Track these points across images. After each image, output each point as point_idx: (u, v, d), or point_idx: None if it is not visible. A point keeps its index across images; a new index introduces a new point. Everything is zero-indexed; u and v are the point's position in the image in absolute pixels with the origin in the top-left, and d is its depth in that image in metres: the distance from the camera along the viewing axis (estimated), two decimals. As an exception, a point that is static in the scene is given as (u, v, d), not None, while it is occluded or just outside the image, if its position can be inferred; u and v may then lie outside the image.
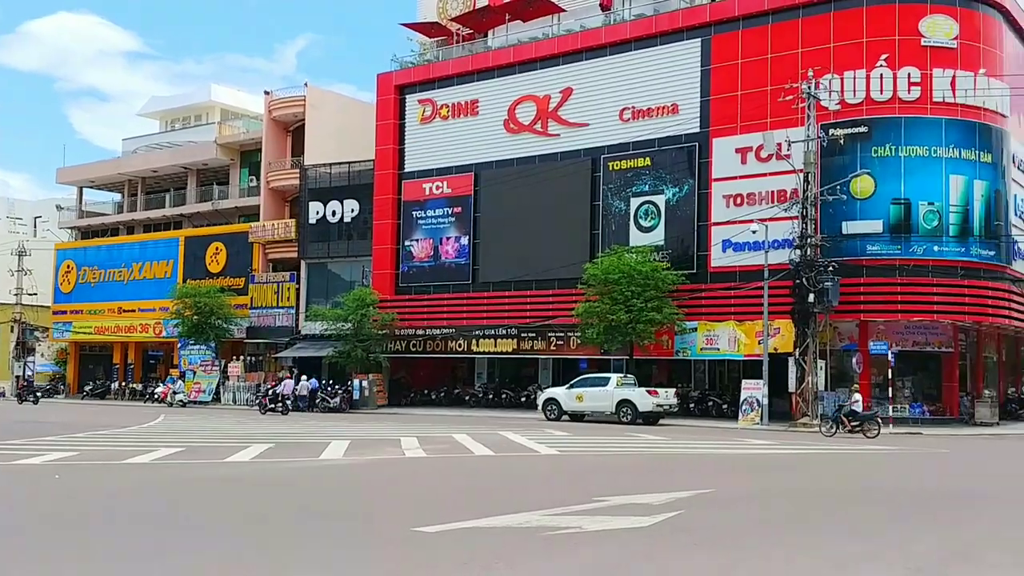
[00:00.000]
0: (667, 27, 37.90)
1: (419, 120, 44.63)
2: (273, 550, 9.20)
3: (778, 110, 33.60)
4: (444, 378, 45.72)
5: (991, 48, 34.07)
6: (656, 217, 37.53)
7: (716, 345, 35.34)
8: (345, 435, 24.65)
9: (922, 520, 11.51)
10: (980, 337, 36.68)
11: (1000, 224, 33.89)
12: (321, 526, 10.60)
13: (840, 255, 31.96)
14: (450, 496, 13.30)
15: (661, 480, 15.08)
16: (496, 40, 44.95)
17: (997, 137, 33.86)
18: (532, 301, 39.98)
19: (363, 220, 46.29)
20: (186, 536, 9.96)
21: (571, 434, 26.23)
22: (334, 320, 41.99)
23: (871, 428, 26.41)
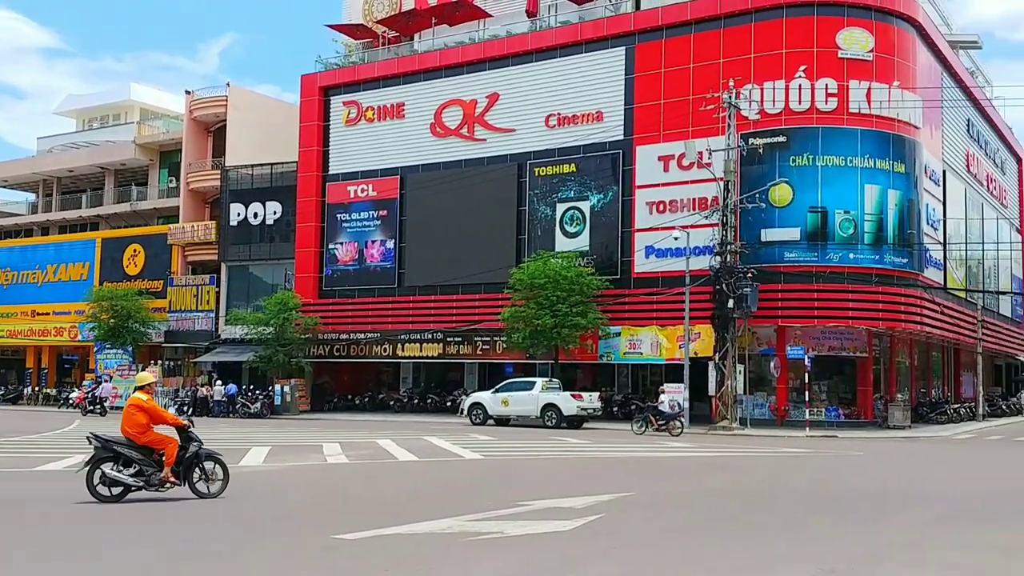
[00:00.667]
0: (592, 35, 38.26)
1: (344, 122, 44.24)
2: (184, 561, 8.99)
3: (700, 119, 34.12)
4: (368, 383, 45.35)
5: (905, 61, 35.17)
6: (581, 223, 37.82)
7: (639, 349, 35.78)
8: (265, 441, 24.29)
9: (838, 521, 11.77)
10: (893, 342, 37.76)
11: (913, 232, 34.96)
12: (239, 534, 10.41)
13: (759, 262, 32.61)
14: (372, 502, 13.18)
15: (584, 484, 15.17)
16: (422, 44, 44.84)
17: (910, 148, 34.95)
18: (458, 305, 39.91)
19: (286, 222, 45.70)
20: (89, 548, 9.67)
21: (496, 438, 26.25)
22: (255, 324, 41.35)
23: (675, 426, 28.34)
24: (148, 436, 12.45)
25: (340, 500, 13.63)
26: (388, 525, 10.51)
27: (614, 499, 12.96)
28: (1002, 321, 50.78)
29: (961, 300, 41.87)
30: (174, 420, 12.92)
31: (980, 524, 11.68)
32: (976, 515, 12.51)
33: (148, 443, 12.42)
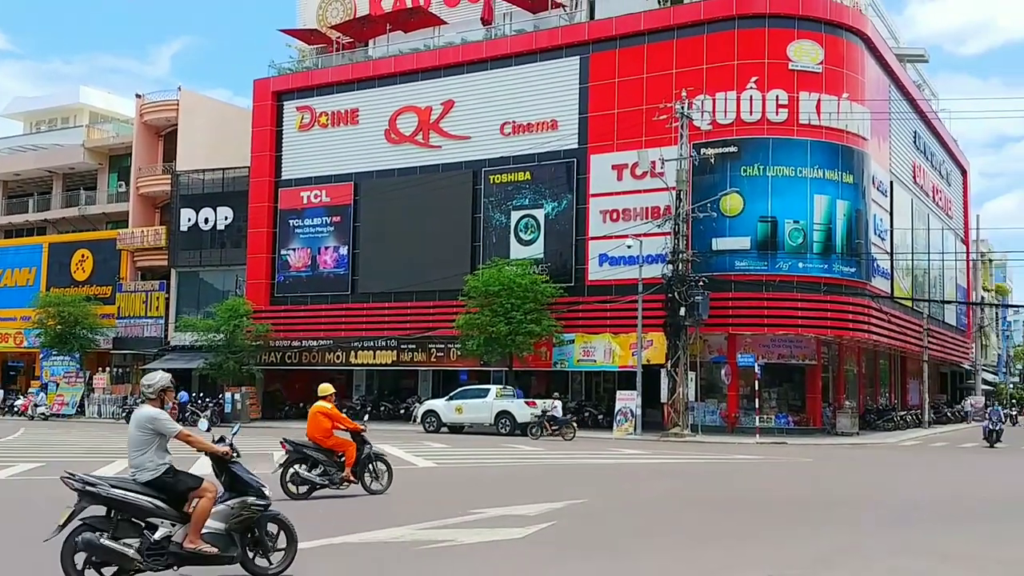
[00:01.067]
0: (547, 44, 38.44)
1: (297, 127, 43.96)
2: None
3: (653, 129, 34.44)
4: (321, 391, 44.92)
5: (854, 73, 35.81)
6: (536, 231, 37.95)
7: (592, 357, 35.96)
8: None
9: (786, 527, 11.94)
10: (842, 350, 38.36)
11: (861, 242, 35.57)
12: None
13: (710, 270, 32.96)
14: (323, 511, 13.08)
15: (537, 491, 15.20)
16: (377, 50, 44.74)
17: (858, 159, 35.58)
18: (412, 313, 39.80)
19: (237, 228, 45.27)
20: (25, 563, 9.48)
21: (450, 446, 26.21)
22: (205, 331, 40.88)
23: (568, 431, 29.54)
24: (332, 440, 14.01)
25: (289, 509, 13.49)
26: (339, 534, 10.46)
27: (567, 506, 13.01)
28: (947, 330, 51.90)
29: (907, 309, 42.71)
30: (353, 426, 14.33)
31: (923, 530, 11.91)
32: (919, 521, 12.75)
33: (332, 446, 13.94)
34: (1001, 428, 30.88)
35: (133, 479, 7.58)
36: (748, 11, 34.81)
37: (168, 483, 7.60)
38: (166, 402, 8.01)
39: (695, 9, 35.93)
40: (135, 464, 7.63)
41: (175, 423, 7.88)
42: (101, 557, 7.30)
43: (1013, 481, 19.57)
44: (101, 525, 7.37)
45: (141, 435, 7.65)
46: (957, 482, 19.15)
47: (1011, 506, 14.68)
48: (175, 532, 7.51)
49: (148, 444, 7.65)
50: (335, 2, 46.31)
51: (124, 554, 7.30)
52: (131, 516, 7.45)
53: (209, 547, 7.56)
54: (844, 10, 36.46)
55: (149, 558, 7.38)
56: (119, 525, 7.40)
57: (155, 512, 7.47)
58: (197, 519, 7.54)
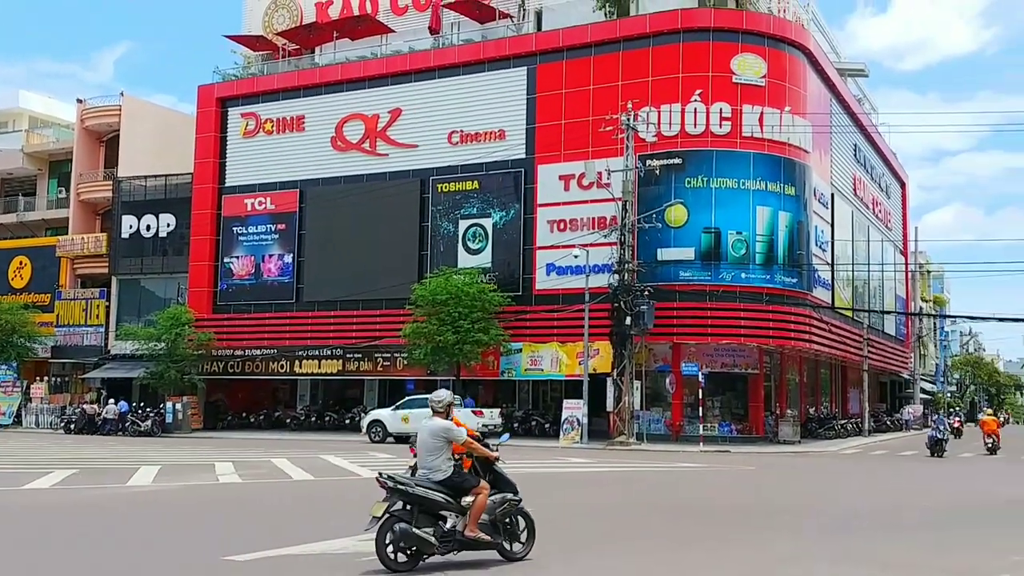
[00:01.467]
0: (494, 54, 38.55)
1: (242, 134, 43.50)
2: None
3: (599, 140, 34.69)
4: (264, 401, 44.50)
5: (796, 87, 36.44)
6: (484, 240, 37.96)
7: (540, 366, 36.03)
8: (156, 460, 23.60)
9: (729, 535, 12.07)
10: (783, 359, 38.93)
11: (802, 253, 36.14)
12: (125, 555, 10.09)
13: (655, 280, 33.24)
14: (265, 523, 12.93)
15: (481, 501, 15.16)
16: (323, 57, 44.47)
17: (800, 171, 36.18)
18: (359, 321, 39.54)
19: (180, 235, 44.68)
20: None
21: (395, 456, 26.00)
22: (147, 339, 40.26)
23: None
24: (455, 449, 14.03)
25: (231, 520, 13.33)
26: (280, 546, 10.34)
27: (511, 516, 12.98)
28: (887, 339, 52.93)
29: (848, 319, 43.48)
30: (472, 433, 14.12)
31: (864, 538, 12.11)
32: (860, 529, 12.97)
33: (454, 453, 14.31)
34: (948, 438, 31.10)
35: (428, 479, 9.08)
36: (693, 25, 35.27)
37: (455, 482, 9.12)
38: (450, 414, 9.51)
39: (641, 22, 36.30)
40: (429, 466, 9.16)
41: (463, 432, 9.42)
42: (408, 543, 8.83)
43: (955, 489, 19.98)
44: (405, 517, 8.86)
45: (435, 442, 9.20)
46: (898, 490, 19.53)
47: (952, 514, 14.98)
48: (458, 523, 8.98)
49: (440, 450, 9.18)
50: (281, 9, 45.98)
51: (427, 540, 8.84)
52: (427, 509, 8.94)
53: (483, 535, 9.07)
54: (787, 25, 37.14)
55: (442, 543, 8.90)
56: (419, 517, 8.91)
57: (446, 506, 8.99)
58: (475, 512, 9.01)
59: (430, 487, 9.03)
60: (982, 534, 12.61)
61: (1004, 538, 12.27)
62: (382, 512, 8.84)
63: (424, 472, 9.20)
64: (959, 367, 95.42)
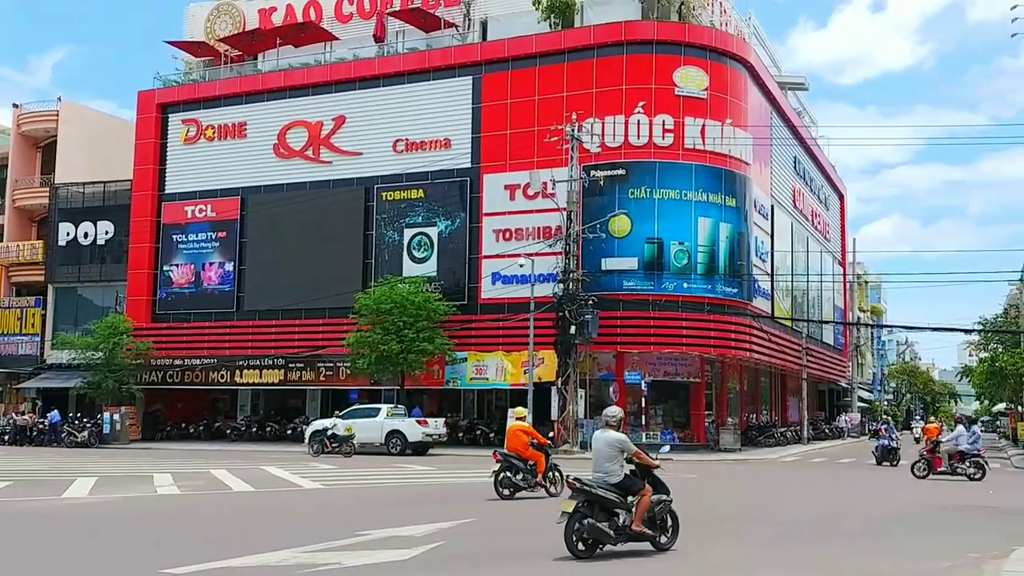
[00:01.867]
0: (440, 63, 38.55)
1: (182, 141, 42.92)
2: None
3: (544, 150, 34.86)
4: (204, 411, 43.82)
5: (737, 100, 37.00)
6: (429, 248, 37.87)
7: (485, 375, 36.01)
8: (93, 471, 23.13)
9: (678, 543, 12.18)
10: (724, 368, 39.43)
11: (743, 264, 36.68)
12: (60, 569, 9.87)
13: (600, 290, 33.47)
14: (204, 535, 12.73)
15: (426, 511, 15.10)
16: (266, 64, 44.08)
17: (741, 183, 36.72)
18: (301, 330, 39.17)
19: (118, 243, 43.99)
20: None
21: (337, 467, 25.83)
22: (84, 349, 39.54)
23: (346, 449, 30.24)
24: (529, 452, 17.24)
25: (169, 533, 13.10)
26: (220, 558, 10.18)
27: (455, 526, 12.97)
28: (825, 349, 53.89)
29: (787, 328, 44.19)
30: (542, 440, 17.86)
31: (806, 544, 12.31)
32: (801, 537, 13.17)
33: (529, 457, 17.18)
34: (899, 446, 30.86)
35: (604, 482, 10.60)
36: (636, 37, 35.65)
37: (627, 485, 10.63)
38: (621, 428, 11.14)
39: (585, 34, 36.60)
40: (606, 471, 10.69)
41: (632, 444, 10.97)
42: (592, 535, 10.30)
43: (899, 497, 20.34)
44: (588, 512, 10.32)
45: (611, 451, 10.74)
46: (836, 497, 19.85)
47: (895, 520, 15.26)
48: (626, 519, 10.44)
49: (615, 458, 10.71)
50: (224, 15, 45.49)
51: (606, 532, 10.32)
52: (604, 507, 10.41)
53: (646, 529, 10.57)
54: (728, 38, 37.72)
55: (616, 535, 10.36)
56: (598, 514, 10.35)
57: (619, 505, 10.49)
58: (641, 510, 10.51)
59: (607, 488, 10.54)
60: (930, 538, 12.87)
61: (952, 541, 12.52)
62: (572, 509, 10.33)
63: (600, 476, 10.68)
64: (896, 376, 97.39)
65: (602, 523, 10.32)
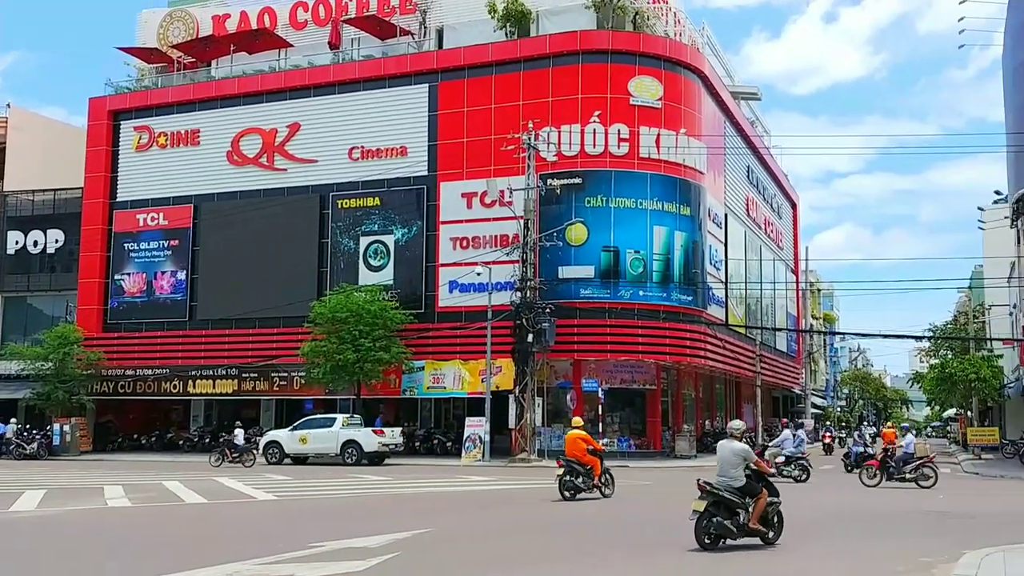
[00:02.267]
0: (395, 71, 38.45)
1: (134, 148, 42.38)
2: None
3: (501, 158, 34.91)
4: (157, 422, 43.17)
5: (691, 110, 37.35)
6: (385, 257, 37.72)
7: (442, 384, 35.90)
8: (41, 484, 22.70)
9: (625, 550, 12.24)
10: (680, 375, 39.70)
11: (697, 272, 36.99)
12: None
13: (557, 298, 33.56)
14: (156, 548, 12.54)
15: (381, 522, 15.01)
16: (220, 70, 43.64)
17: (695, 192, 37.05)
18: (255, 340, 38.80)
19: (69, 251, 43.31)
20: None
21: (292, 477, 25.60)
22: (33, 359, 38.87)
23: (248, 459, 30.68)
24: (587, 458, 18.93)
25: (119, 546, 12.88)
26: (170, 571, 10.03)
27: (411, 536, 12.90)
28: (779, 356, 54.50)
29: (741, 336, 44.62)
30: (598, 447, 19.72)
31: (748, 550, 12.43)
32: (748, 541, 13.30)
33: (587, 462, 18.88)
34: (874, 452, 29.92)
35: (728, 486, 11.95)
36: (591, 47, 35.85)
37: (747, 488, 12.01)
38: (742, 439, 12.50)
39: (541, 43, 36.75)
40: (731, 476, 12.03)
41: (753, 454, 12.49)
42: (719, 531, 11.77)
43: (848, 502, 20.59)
44: (715, 512, 11.80)
45: (736, 459, 12.12)
46: (789, 502, 20.03)
47: (845, 525, 15.45)
48: (745, 517, 11.87)
49: (738, 465, 12.06)
50: (177, 22, 44.97)
51: (730, 529, 11.77)
52: (728, 507, 11.85)
53: (760, 527, 12.04)
54: (683, 48, 38.07)
55: (738, 532, 11.82)
56: (723, 512, 11.81)
57: (740, 505, 11.92)
58: (758, 510, 11.95)
59: (731, 491, 11.96)
60: (881, 543, 13.04)
61: (903, 546, 12.71)
62: (702, 508, 11.81)
63: (725, 480, 12.06)
64: (848, 382, 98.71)
65: (726, 520, 11.76)
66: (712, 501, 11.88)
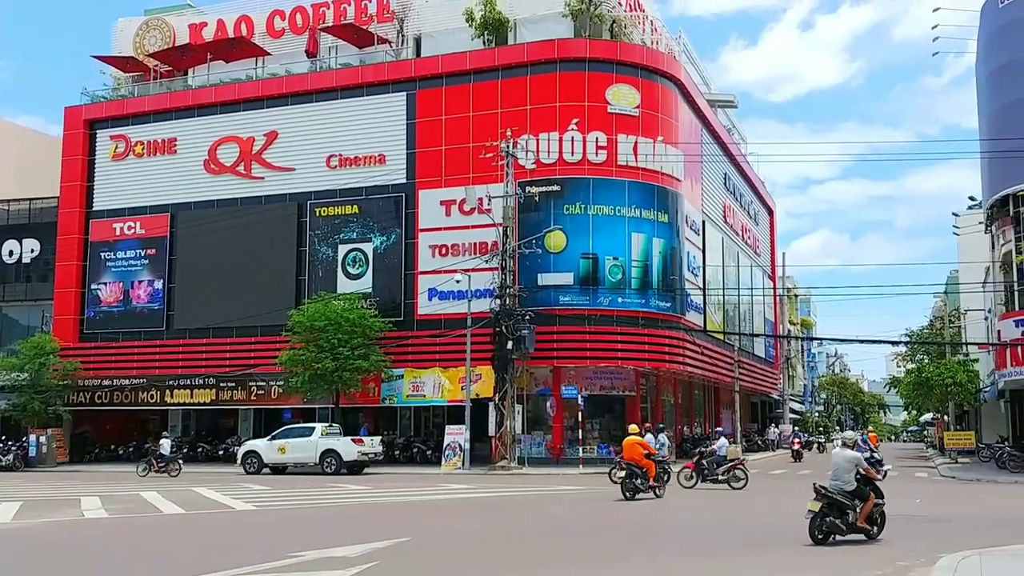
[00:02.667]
0: (373, 79, 38.43)
1: (111, 157, 42.13)
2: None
3: (479, 166, 34.95)
4: (134, 432, 42.82)
5: (668, 117, 37.54)
6: (364, 265, 37.64)
7: (422, 392, 35.83)
8: (17, 496, 22.50)
9: (602, 558, 12.26)
10: (659, 381, 39.82)
11: (675, 278, 37.13)
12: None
13: (536, 305, 33.59)
14: (133, 559, 12.46)
15: (361, 531, 14.99)
16: (197, 79, 43.47)
17: (673, 199, 37.22)
18: (233, 349, 38.59)
19: (44, 261, 43.00)
20: None
21: (271, 487, 25.48)
22: (8, 370, 38.63)
23: (173, 469, 31.00)
24: (644, 461, 20.81)
25: (95, 558, 12.79)
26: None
27: (391, 545, 12.89)
28: (757, 361, 54.76)
29: (719, 342, 44.82)
30: (653, 451, 22.00)
31: (727, 557, 12.49)
32: (723, 549, 13.37)
33: (644, 465, 20.73)
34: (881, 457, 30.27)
35: (841, 489, 13.29)
36: (569, 55, 35.97)
37: (856, 491, 13.35)
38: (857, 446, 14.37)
39: (519, 51, 36.85)
40: (844, 481, 13.34)
41: (864, 462, 13.95)
42: (830, 529, 13.10)
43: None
44: (828, 512, 13.12)
45: (848, 466, 13.44)
46: (766, 510, 20.14)
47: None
48: (854, 517, 13.19)
49: (850, 471, 13.39)
50: (153, 30, 44.75)
51: (840, 527, 13.14)
52: (839, 508, 13.15)
53: (866, 525, 13.39)
54: (660, 56, 38.27)
55: (847, 529, 13.17)
56: (834, 512, 13.13)
57: (850, 507, 13.21)
58: (865, 510, 13.28)
59: (843, 494, 13.28)
60: (857, 547, 13.13)
61: (879, 550, 12.80)
62: (817, 509, 13.11)
63: (837, 484, 13.36)
64: (826, 387, 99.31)
65: (836, 520, 13.10)
66: (826, 503, 13.14)
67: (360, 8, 41.07)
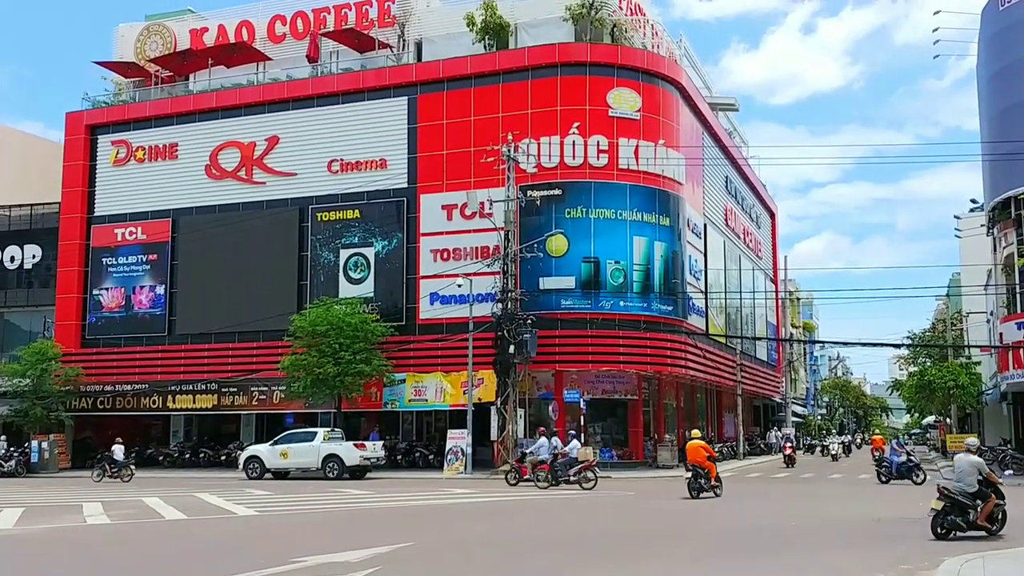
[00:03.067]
0: (375, 83, 38.46)
1: (112, 162, 42.16)
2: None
3: (481, 170, 34.96)
4: (136, 437, 42.69)
5: (669, 121, 37.54)
6: (366, 269, 37.64)
7: (424, 396, 35.79)
8: (19, 501, 22.46)
9: (608, 563, 12.23)
10: (661, 385, 39.79)
11: (677, 282, 37.11)
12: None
13: (538, 309, 33.58)
14: (133, 566, 12.44)
15: (363, 536, 14.96)
16: (198, 84, 43.51)
17: (674, 203, 37.21)
18: (235, 354, 38.58)
19: (46, 267, 43.02)
20: None
21: (273, 492, 25.45)
22: (10, 376, 38.57)
23: (126, 474, 31.64)
24: (706, 463, 22.17)
25: (97, 564, 12.77)
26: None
27: (393, 550, 12.86)
28: (759, 365, 54.73)
29: (722, 345, 44.79)
30: (714, 454, 23.50)
31: (733, 561, 12.44)
32: (729, 552, 13.33)
33: (706, 467, 22.16)
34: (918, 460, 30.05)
35: (963, 491, 14.19)
36: (570, 59, 35.98)
37: (979, 493, 14.24)
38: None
39: (519, 55, 36.87)
40: (967, 483, 14.25)
41: (986, 467, 14.65)
42: (951, 526, 14.10)
43: (829, 510, 20.65)
44: (950, 511, 14.12)
45: (971, 469, 14.34)
46: (769, 513, 20.10)
47: (824, 533, 15.52)
48: (974, 515, 14.03)
49: (973, 474, 14.26)
50: (154, 35, 44.80)
51: (960, 524, 14.01)
52: (961, 507, 14.10)
53: (987, 524, 14.15)
54: (660, 60, 38.28)
55: (968, 527, 14.04)
56: (956, 511, 14.11)
57: (971, 506, 14.13)
58: (986, 510, 14.16)
59: (964, 495, 14.19)
60: (861, 550, 13.10)
61: (883, 553, 12.76)
62: (940, 507, 14.11)
63: (960, 486, 14.24)
64: (828, 390, 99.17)
65: (958, 518, 14.01)
66: (949, 503, 14.07)
67: (361, 13, 41.13)
